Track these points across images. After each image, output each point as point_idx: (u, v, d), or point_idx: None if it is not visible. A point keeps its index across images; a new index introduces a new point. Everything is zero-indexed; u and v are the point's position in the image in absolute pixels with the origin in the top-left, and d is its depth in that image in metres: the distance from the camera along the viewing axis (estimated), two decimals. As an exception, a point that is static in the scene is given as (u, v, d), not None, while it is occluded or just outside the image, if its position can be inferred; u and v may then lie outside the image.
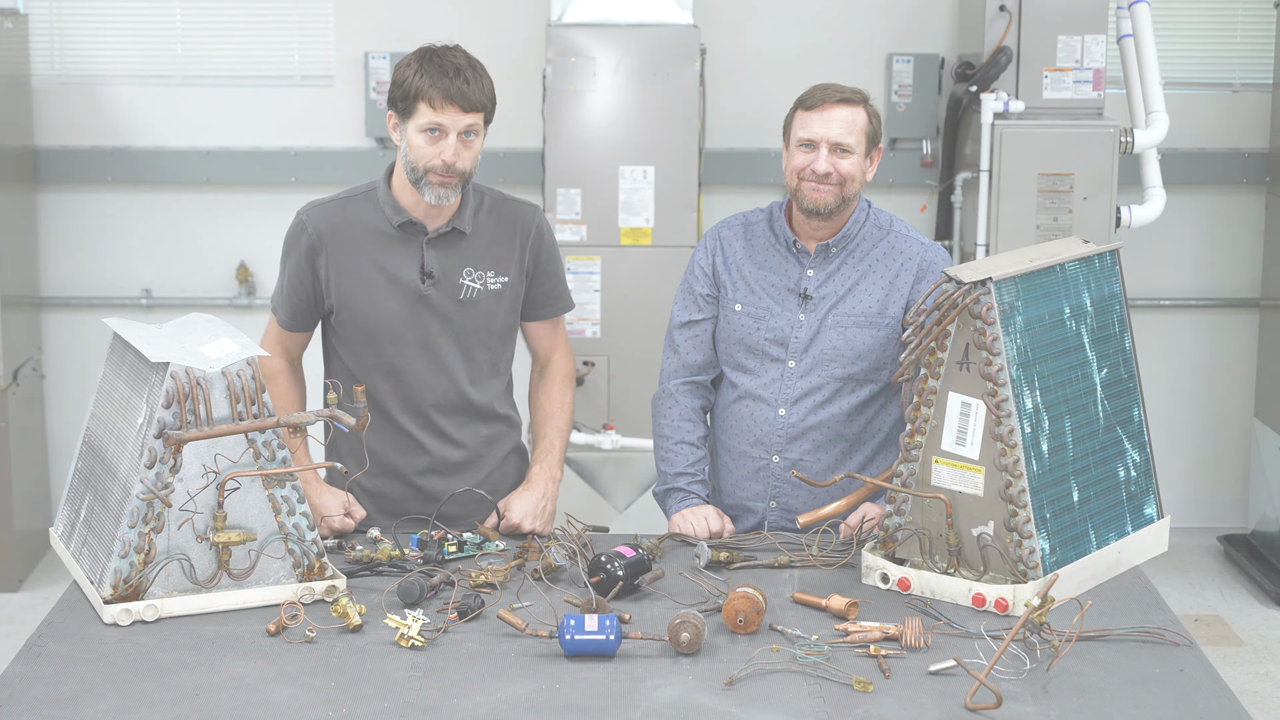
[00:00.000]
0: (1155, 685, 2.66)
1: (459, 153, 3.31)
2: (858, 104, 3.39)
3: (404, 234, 3.42)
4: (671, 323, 3.59)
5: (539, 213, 3.56)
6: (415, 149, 3.33)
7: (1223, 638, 5.51)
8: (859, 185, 3.40)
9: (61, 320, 6.34)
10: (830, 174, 3.35)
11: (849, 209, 3.44)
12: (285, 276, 3.48)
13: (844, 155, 3.36)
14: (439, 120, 3.29)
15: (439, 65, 3.30)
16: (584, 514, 4.58)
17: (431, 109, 3.29)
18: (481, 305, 3.46)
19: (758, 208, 3.58)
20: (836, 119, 3.37)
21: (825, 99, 3.38)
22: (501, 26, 6.14)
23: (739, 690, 2.64)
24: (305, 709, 2.56)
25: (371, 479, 3.48)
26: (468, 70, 3.31)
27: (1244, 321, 6.46)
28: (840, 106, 3.37)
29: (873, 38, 6.22)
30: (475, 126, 3.34)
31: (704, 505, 3.46)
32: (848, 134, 3.36)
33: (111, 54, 6.25)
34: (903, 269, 3.44)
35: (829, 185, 3.36)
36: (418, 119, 3.31)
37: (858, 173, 3.38)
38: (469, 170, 3.36)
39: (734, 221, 3.57)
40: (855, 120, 3.38)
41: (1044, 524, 2.95)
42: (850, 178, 3.37)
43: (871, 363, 3.43)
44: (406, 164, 3.36)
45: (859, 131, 3.37)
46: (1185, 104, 6.14)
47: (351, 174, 6.13)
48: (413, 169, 3.34)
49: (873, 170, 3.43)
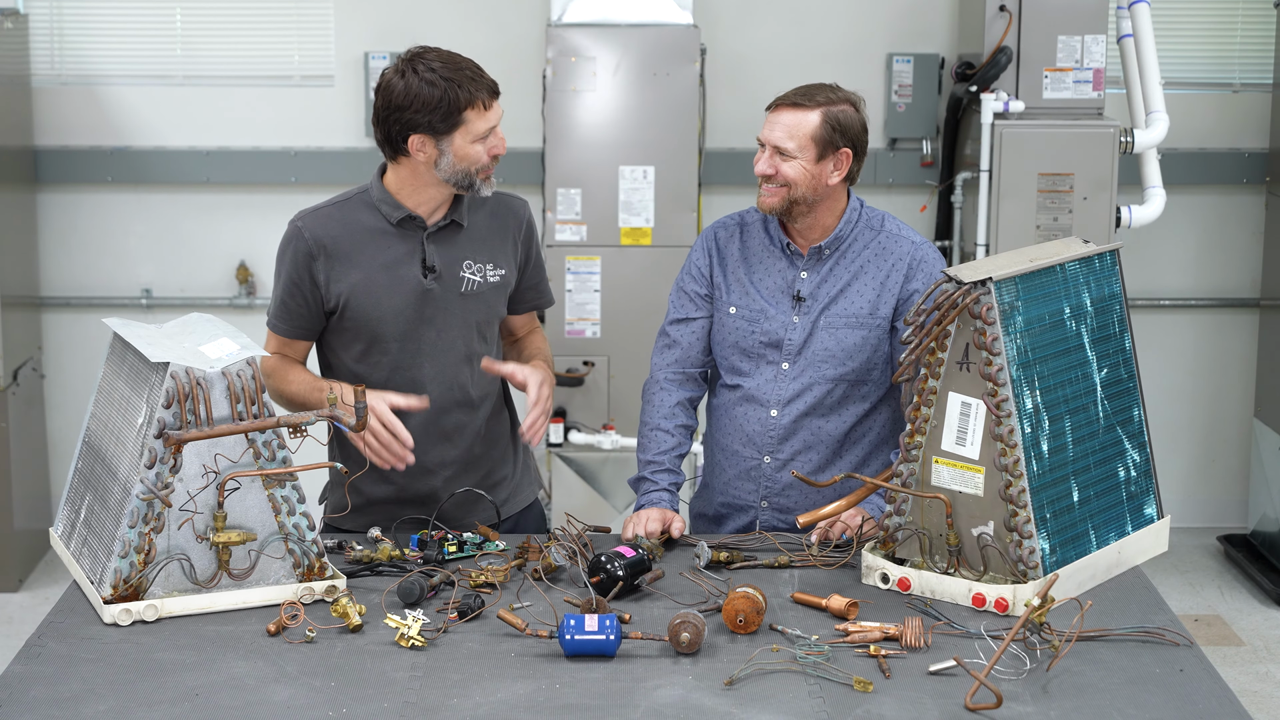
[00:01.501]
0: (1155, 685, 2.66)
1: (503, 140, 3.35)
2: (811, 108, 3.35)
3: (402, 230, 3.41)
4: (665, 319, 3.59)
5: (527, 206, 3.57)
6: (469, 158, 3.29)
7: (1223, 638, 5.51)
8: (807, 190, 3.36)
9: (61, 320, 6.34)
10: (771, 175, 3.36)
11: (827, 210, 3.42)
12: (281, 285, 3.42)
13: (785, 159, 3.36)
14: (493, 121, 3.30)
15: (455, 68, 3.27)
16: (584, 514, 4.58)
17: (484, 111, 3.27)
18: (483, 297, 3.46)
19: (753, 207, 3.56)
20: (779, 123, 3.37)
21: (780, 102, 3.39)
22: (501, 26, 6.14)
23: (739, 690, 2.64)
24: (305, 709, 2.56)
25: (371, 480, 3.48)
26: (471, 62, 3.32)
27: (1244, 321, 6.46)
28: (787, 110, 3.37)
29: (873, 38, 6.22)
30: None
31: (655, 506, 3.43)
32: (787, 138, 3.35)
33: (111, 54, 6.25)
34: (894, 268, 3.44)
35: (775, 187, 3.37)
36: (468, 129, 3.27)
37: (800, 177, 3.35)
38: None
39: (729, 222, 3.56)
40: (799, 125, 3.34)
41: (1044, 524, 2.95)
42: (792, 182, 3.36)
43: (863, 363, 3.43)
44: (454, 175, 3.31)
45: (802, 136, 3.34)
46: (1185, 104, 6.14)
47: (351, 174, 6.13)
48: (464, 176, 3.31)
49: (838, 174, 3.37)
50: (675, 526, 3.36)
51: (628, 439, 5.56)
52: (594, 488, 5.63)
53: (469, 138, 3.28)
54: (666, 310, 3.59)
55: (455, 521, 3.41)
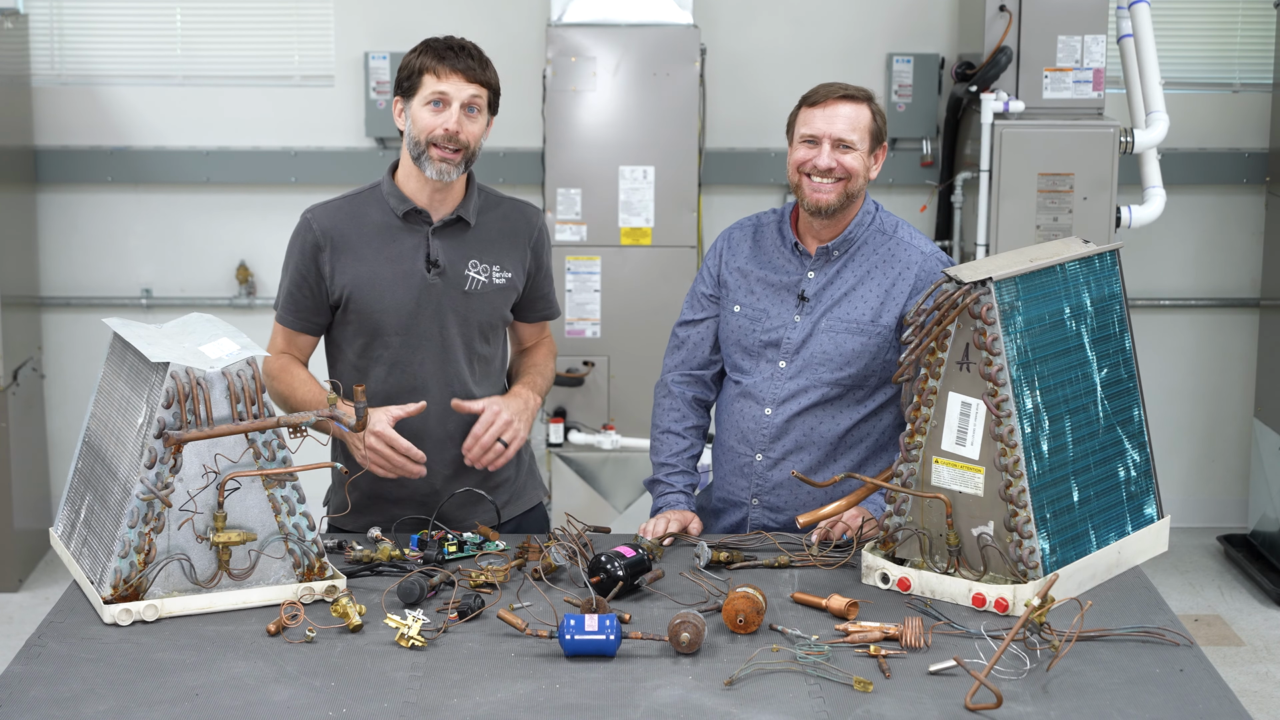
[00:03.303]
0: (1155, 685, 2.66)
1: (461, 123, 3.34)
2: (862, 101, 3.40)
3: (409, 224, 3.42)
4: (677, 320, 3.62)
5: (541, 215, 3.58)
6: (419, 122, 3.35)
7: (1223, 638, 5.51)
8: (862, 182, 3.41)
9: (61, 320, 6.34)
10: (833, 168, 3.36)
11: (853, 208, 3.44)
12: (288, 276, 3.48)
13: (846, 151, 3.37)
14: (442, 88, 3.34)
15: (443, 43, 3.39)
16: (584, 514, 4.59)
17: (436, 78, 3.34)
18: (487, 298, 3.47)
19: (772, 209, 3.58)
20: (840, 115, 3.38)
21: (829, 95, 3.39)
22: (501, 26, 6.14)
23: (739, 690, 2.64)
24: (305, 709, 2.56)
25: (371, 478, 3.48)
26: (471, 48, 3.39)
27: (1244, 321, 6.46)
28: (844, 103, 3.38)
29: (873, 38, 6.22)
30: (478, 101, 3.37)
31: (673, 508, 3.46)
32: (850, 130, 3.37)
33: (111, 54, 6.25)
34: (900, 277, 3.43)
35: (831, 182, 3.37)
36: (422, 92, 3.35)
37: (861, 169, 3.39)
38: (472, 148, 3.37)
39: (746, 223, 3.59)
40: (859, 117, 3.38)
41: (1044, 524, 2.95)
42: (854, 173, 3.38)
43: (860, 369, 3.43)
44: (410, 142, 3.38)
45: (862, 128, 3.38)
46: (1185, 104, 6.14)
47: (351, 174, 6.13)
48: (415, 144, 3.36)
49: (877, 169, 3.43)
50: (693, 527, 3.40)
51: (628, 439, 5.56)
52: (594, 488, 5.63)
53: (422, 100, 3.35)
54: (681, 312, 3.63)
55: (455, 522, 3.41)
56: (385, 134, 6.18)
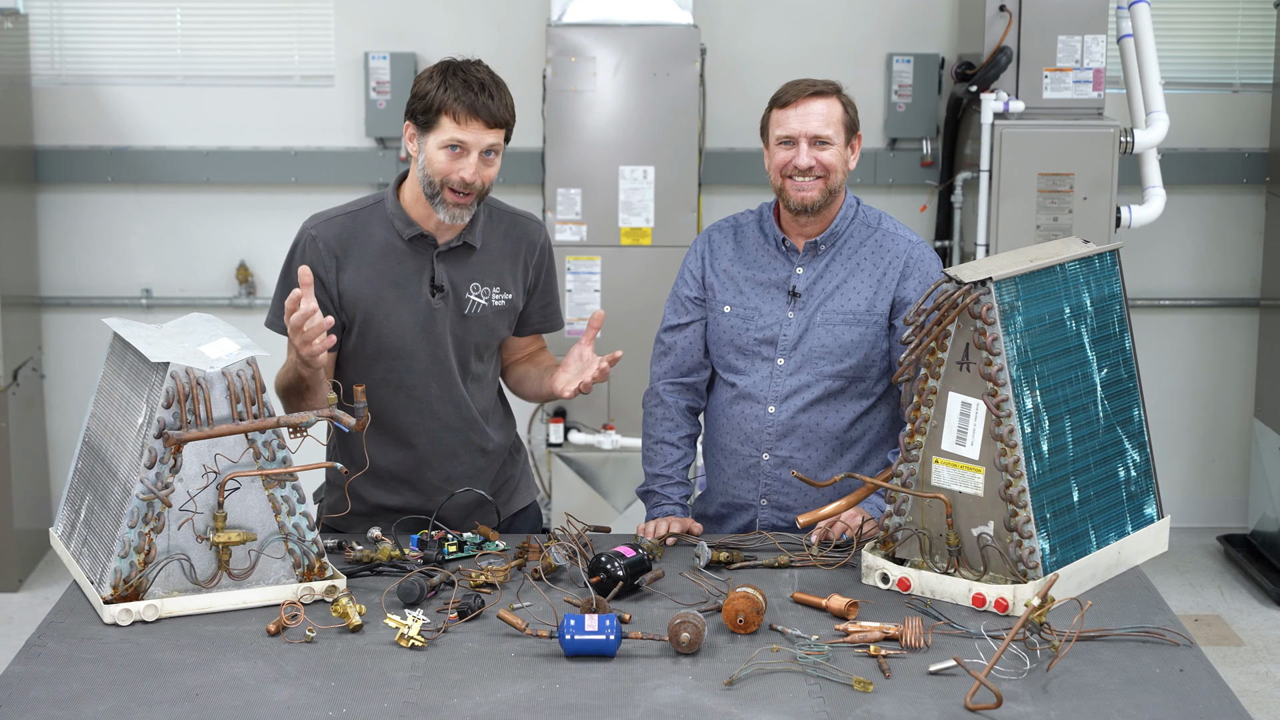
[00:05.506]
0: (1155, 685, 2.66)
1: (479, 171, 3.28)
2: (831, 95, 3.41)
3: (414, 248, 3.38)
4: (660, 326, 3.60)
5: (544, 230, 3.54)
6: (434, 164, 3.28)
7: (1223, 638, 5.51)
8: (842, 176, 3.42)
9: (61, 320, 6.34)
10: (813, 167, 3.36)
11: (836, 203, 3.45)
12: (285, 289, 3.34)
13: (824, 147, 3.38)
14: (461, 137, 3.25)
15: (463, 80, 3.26)
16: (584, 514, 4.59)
17: (455, 124, 3.25)
18: (485, 320, 3.44)
19: (748, 209, 3.58)
20: (813, 112, 3.38)
21: (799, 93, 3.40)
22: (501, 26, 6.14)
23: (739, 690, 2.64)
24: (305, 709, 2.56)
25: (375, 489, 3.47)
26: (492, 86, 3.29)
27: (1244, 321, 6.46)
28: (814, 100, 3.39)
29: (873, 38, 6.22)
30: (497, 145, 3.31)
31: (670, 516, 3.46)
32: (825, 125, 3.38)
33: (111, 54, 6.25)
34: (890, 266, 3.45)
35: (812, 180, 3.37)
36: (439, 134, 3.26)
37: (839, 163, 3.40)
38: (486, 188, 3.33)
39: (724, 224, 3.58)
40: (831, 111, 3.39)
41: (1044, 524, 2.95)
42: (833, 168, 3.38)
43: (860, 359, 3.43)
44: (423, 178, 3.30)
45: (836, 122, 3.39)
46: (1185, 104, 6.14)
47: (351, 174, 6.13)
48: (429, 183, 3.29)
49: (854, 159, 3.45)
50: (694, 528, 3.41)
51: (628, 439, 5.56)
52: (594, 488, 5.63)
53: (438, 143, 3.26)
54: (662, 317, 3.60)
55: (455, 522, 3.41)
56: (385, 134, 6.18)
